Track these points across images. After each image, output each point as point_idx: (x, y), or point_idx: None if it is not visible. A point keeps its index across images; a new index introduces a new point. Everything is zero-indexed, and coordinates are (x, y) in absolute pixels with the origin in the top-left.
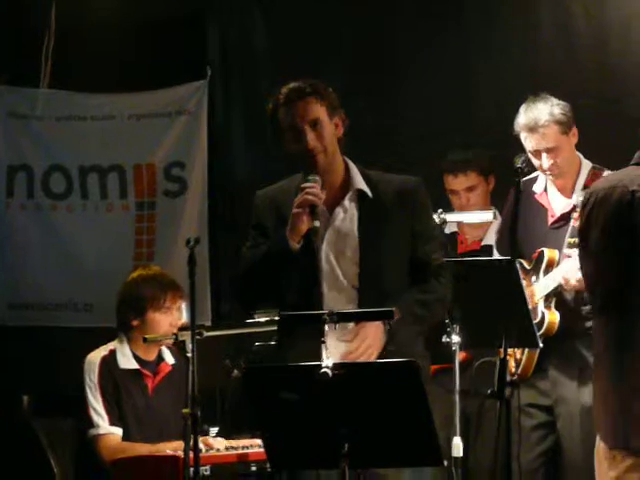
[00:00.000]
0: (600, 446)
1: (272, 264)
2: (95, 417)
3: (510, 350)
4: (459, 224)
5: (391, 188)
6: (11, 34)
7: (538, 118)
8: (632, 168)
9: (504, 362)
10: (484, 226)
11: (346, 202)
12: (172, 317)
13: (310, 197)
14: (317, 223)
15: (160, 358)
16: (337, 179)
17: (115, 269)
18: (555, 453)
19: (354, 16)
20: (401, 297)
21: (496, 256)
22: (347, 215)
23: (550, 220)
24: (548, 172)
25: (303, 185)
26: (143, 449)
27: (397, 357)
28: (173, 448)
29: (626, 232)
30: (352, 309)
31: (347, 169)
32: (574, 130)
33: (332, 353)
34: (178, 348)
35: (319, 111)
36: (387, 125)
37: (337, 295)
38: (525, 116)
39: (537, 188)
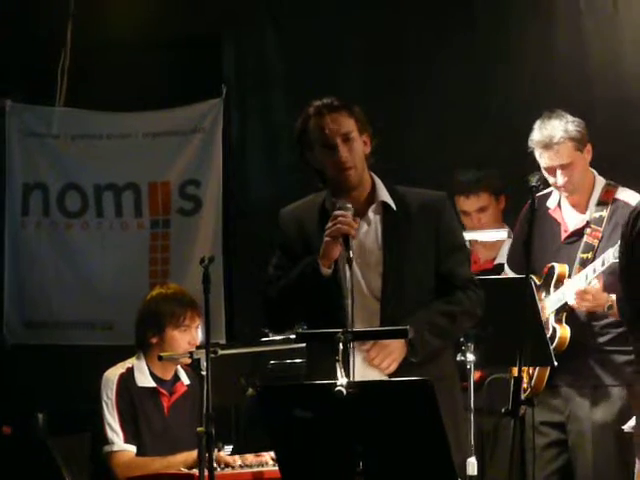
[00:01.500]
0: None
1: (303, 289)
2: (110, 434)
3: None
4: (472, 243)
5: (416, 202)
6: (27, 52)
7: (552, 135)
8: None
9: (518, 381)
10: (497, 245)
11: (370, 214)
12: (191, 335)
13: (344, 227)
14: (351, 253)
15: (176, 377)
16: (363, 193)
17: (130, 287)
18: (567, 472)
19: (368, 34)
20: (424, 308)
21: (507, 272)
22: (371, 227)
23: (563, 235)
24: (562, 189)
25: (336, 213)
26: (156, 462)
27: (420, 371)
28: (184, 458)
29: None
30: (375, 322)
31: (373, 184)
32: (588, 147)
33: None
34: (193, 367)
35: (350, 125)
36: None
37: (361, 308)
38: (539, 133)
39: (551, 203)
